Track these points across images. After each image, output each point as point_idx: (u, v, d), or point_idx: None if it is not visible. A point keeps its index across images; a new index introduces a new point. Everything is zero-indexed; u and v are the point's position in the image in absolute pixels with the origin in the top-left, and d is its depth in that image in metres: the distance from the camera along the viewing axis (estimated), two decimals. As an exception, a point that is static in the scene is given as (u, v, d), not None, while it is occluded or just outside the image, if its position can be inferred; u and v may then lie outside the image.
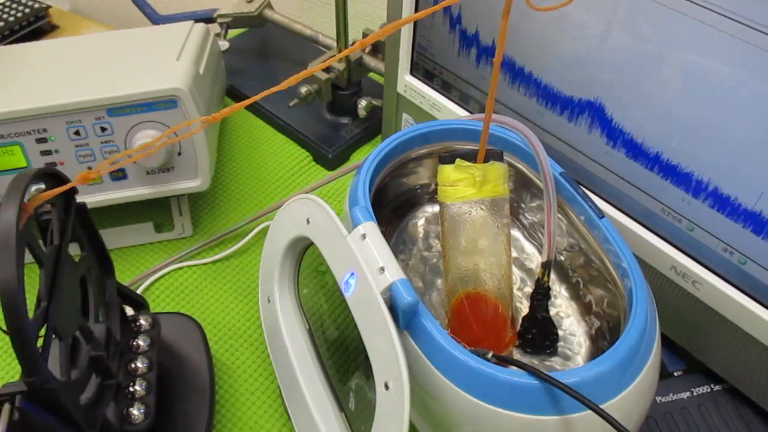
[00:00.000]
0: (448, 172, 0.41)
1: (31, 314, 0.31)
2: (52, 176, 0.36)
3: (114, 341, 0.42)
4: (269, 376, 0.51)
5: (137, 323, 0.46)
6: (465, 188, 0.41)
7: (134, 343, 0.44)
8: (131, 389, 0.42)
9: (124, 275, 0.58)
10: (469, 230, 0.41)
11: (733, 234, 0.40)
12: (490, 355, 0.35)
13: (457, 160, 0.41)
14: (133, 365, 0.43)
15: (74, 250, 0.39)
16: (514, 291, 0.47)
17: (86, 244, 0.41)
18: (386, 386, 0.34)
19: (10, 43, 0.88)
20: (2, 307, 0.29)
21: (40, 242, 0.36)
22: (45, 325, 0.33)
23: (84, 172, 0.33)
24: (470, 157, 0.41)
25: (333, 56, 0.69)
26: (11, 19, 0.89)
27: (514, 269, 0.48)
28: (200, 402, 0.47)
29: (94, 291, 0.41)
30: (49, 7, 0.94)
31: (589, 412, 0.32)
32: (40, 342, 0.32)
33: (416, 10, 0.53)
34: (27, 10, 0.91)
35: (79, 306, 0.39)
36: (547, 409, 0.33)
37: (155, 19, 0.83)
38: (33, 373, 0.30)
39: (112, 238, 0.60)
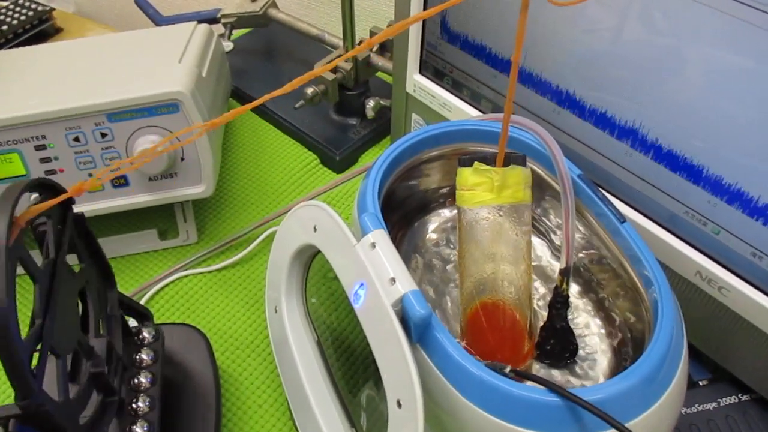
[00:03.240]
0: (466, 175, 0.39)
1: (25, 332, 0.30)
2: (46, 186, 0.34)
3: (116, 356, 0.41)
4: (277, 387, 0.50)
5: (140, 336, 0.44)
6: (483, 193, 0.39)
7: (137, 358, 0.43)
8: (134, 406, 0.40)
9: (127, 285, 0.56)
10: (487, 237, 0.39)
11: (762, 237, 0.38)
12: (507, 369, 0.33)
13: (476, 163, 0.39)
14: (136, 380, 0.42)
15: (75, 261, 0.38)
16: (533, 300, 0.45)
17: (85, 256, 0.40)
18: (398, 404, 0.32)
19: (15, 46, 0.87)
20: None
21: (38, 254, 0.34)
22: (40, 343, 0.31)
23: (78, 183, 0.31)
24: (490, 160, 0.39)
25: (339, 56, 0.67)
26: (15, 22, 0.88)
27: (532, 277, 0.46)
28: (206, 415, 0.45)
29: (94, 304, 0.40)
30: (53, 9, 0.93)
31: (613, 431, 0.30)
32: (36, 360, 0.31)
33: (425, 7, 0.51)
34: (31, 13, 0.90)
35: (78, 321, 0.38)
36: (568, 428, 0.32)
37: (158, 20, 0.81)
38: (26, 395, 0.29)
39: (114, 246, 0.58)
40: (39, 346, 0.31)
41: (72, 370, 0.38)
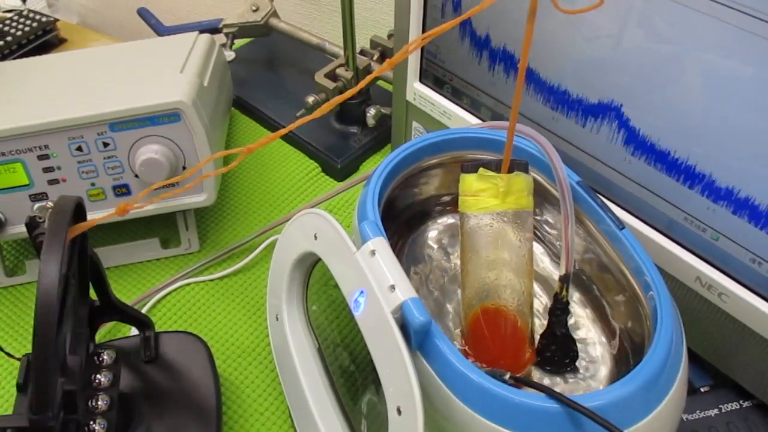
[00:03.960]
0: (470, 181, 0.39)
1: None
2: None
3: (81, 374, 0.39)
4: (278, 395, 0.50)
5: (100, 357, 0.42)
6: (487, 199, 0.39)
7: (95, 378, 0.41)
8: (91, 427, 0.38)
9: (129, 293, 0.57)
10: (490, 243, 0.40)
11: (762, 243, 0.38)
12: (507, 376, 0.34)
13: (480, 169, 0.39)
14: (93, 402, 0.39)
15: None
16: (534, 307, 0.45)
17: (76, 271, 0.39)
18: (398, 411, 0.32)
19: (19, 57, 0.88)
20: (37, 325, 0.27)
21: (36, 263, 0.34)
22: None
23: (123, 204, 0.32)
24: (493, 166, 0.39)
25: (341, 65, 0.68)
26: (19, 33, 0.89)
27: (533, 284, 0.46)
28: (207, 423, 0.45)
29: (72, 320, 0.39)
30: (56, 20, 0.94)
31: (614, 437, 0.30)
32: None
33: (424, 17, 0.51)
34: (35, 24, 0.91)
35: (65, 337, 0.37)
36: (568, 435, 0.31)
37: (160, 30, 0.82)
38: (43, 410, 0.29)
39: (117, 255, 0.59)
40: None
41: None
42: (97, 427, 0.38)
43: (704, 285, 0.42)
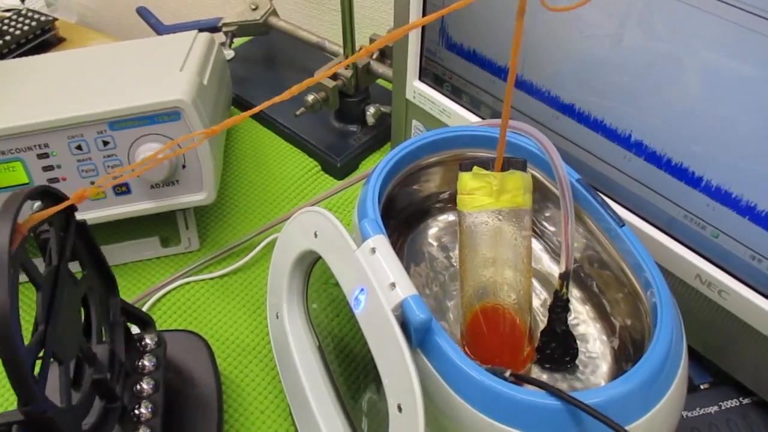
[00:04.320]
0: (466, 179, 0.40)
1: (28, 339, 0.30)
2: (48, 194, 0.34)
3: (118, 362, 0.41)
4: (279, 393, 0.50)
5: (143, 342, 0.44)
6: (482, 197, 0.39)
7: (139, 364, 0.43)
8: (137, 412, 0.40)
9: (129, 292, 0.57)
10: (486, 241, 0.40)
11: (761, 240, 0.38)
12: (508, 373, 0.33)
13: (475, 167, 0.39)
14: (138, 387, 0.42)
15: (77, 268, 0.38)
16: (533, 305, 0.45)
17: (87, 263, 0.40)
18: (399, 408, 0.32)
19: (18, 56, 0.88)
20: None
21: (42, 261, 0.35)
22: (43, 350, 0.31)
23: (80, 190, 0.31)
24: (491, 164, 0.39)
25: (339, 63, 0.68)
26: (18, 32, 0.89)
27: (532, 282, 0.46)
28: (208, 421, 0.46)
29: (96, 311, 0.40)
30: (55, 19, 0.93)
31: (615, 434, 0.30)
32: (39, 367, 0.31)
33: (424, 15, 0.51)
34: (34, 23, 0.91)
35: (80, 327, 0.38)
36: None
37: (160, 29, 0.82)
38: (28, 401, 0.29)
39: (117, 253, 0.59)
40: (41, 353, 0.32)
41: (75, 377, 0.38)
42: (144, 411, 0.40)
43: (704, 282, 0.42)
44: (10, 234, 0.29)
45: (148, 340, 0.44)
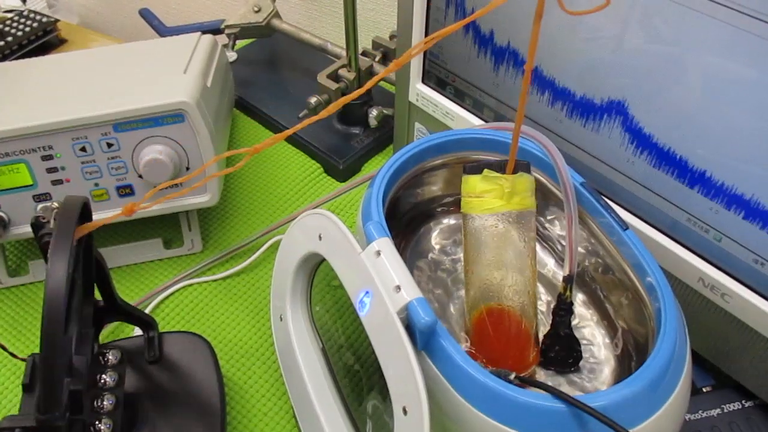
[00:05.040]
0: (474, 182, 0.40)
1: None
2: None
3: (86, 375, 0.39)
4: (282, 396, 0.50)
5: (105, 357, 0.43)
6: (492, 200, 0.39)
7: (101, 378, 0.41)
8: (96, 427, 0.39)
9: (132, 293, 0.57)
10: (495, 244, 0.40)
11: (765, 244, 0.39)
12: (512, 376, 0.34)
13: (485, 170, 0.39)
14: (98, 402, 0.40)
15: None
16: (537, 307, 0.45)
17: (80, 271, 0.39)
18: (404, 411, 0.32)
19: (19, 57, 0.88)
20: (44, 325, 0.27)
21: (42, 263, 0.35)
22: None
23: (130, 204, 0.32)
24: (496, 167, 0.39)
25: (343, 66, 0.68)
26: (20, 33, 0.89)
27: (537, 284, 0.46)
28: (211, 424, 0.45)
29: (77, 320, 0.39)
30: (57, 21, 0.94)
31: (619, 437, 0.31)
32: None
33: (427, 19, 0.51)
34: (35, 25, 0.91)
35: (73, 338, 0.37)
36: (573, 434, 0.32)
37: (162, 31, 0.82)
38: (51, 410, 0.29)
39: (120, 255, 0.59)
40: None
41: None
42: (102, 427, 0.39)
43: (707, 286, 0.42)
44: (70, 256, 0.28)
45: (110, 356, 0.43)
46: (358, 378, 0.45)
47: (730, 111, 0.36)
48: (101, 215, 0.53)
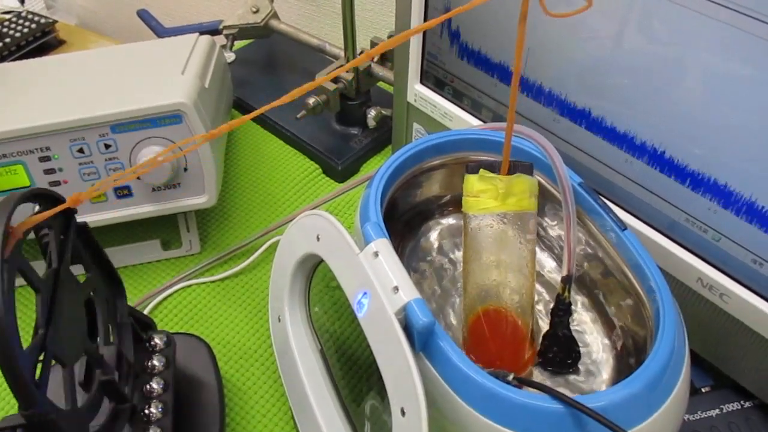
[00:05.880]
0: (472, 182, 0.40)
1: (27, 342, 0.30)
2: (46, 197, 0.34)
3: (127, 363, 0.41)
4: (281, 397, 0.50)
5: (152, 343, 0.44)
6: (488, 200, 0.39)
7: (149, 364, 0.43)
8: (147, 412, 0.40)
9: (130, 295, 0.57)
10: (490, 243, 0.40)
11: (763, 244, 0.39)
12: (511, 377, 0.34)
13: (481, 170, 0.39)
14: (148, 387, 0.42)
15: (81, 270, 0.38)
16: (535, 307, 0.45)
17: (90, 265, 0.40)
18: (402, 412, 0.32)
19: (17, 58, 0.88)
20: None
21: (43, 263, 0.35)
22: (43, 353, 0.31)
23: (76, 194, 0.31)
24: (497, 167, 0.39)
25: (341, 66, 0.68)
26: (18, 34, 0.89)
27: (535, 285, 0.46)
28: (210, 424, 0.46)
29: (102, 312, 0.40)
30: (55, 22, 0.94)
31: (618, 438, 0.30)
32: (39, 370, 0.31)
33: (425, 18, 0.51)
34: (33, 26, 0.91)
35: (84, 329, 0.38)
36: (572, 435, 0.32)
37: (160, 32, 0.82)
38: (29, 405, 0.29)
39: (118, 256, 0.59)
40: (41, 356, 0.31)
41: (85, 379, 0.38)
42: (154, 410, 0.40)
43: (705, 286, 0.42)
44: (3, 236, 0.28)
45: (157, 340, 0.44)
46: (357, 379, 0.45)
47: (728, 111, 0.36)
48: (99, 216, 0.53)
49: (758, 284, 0.40)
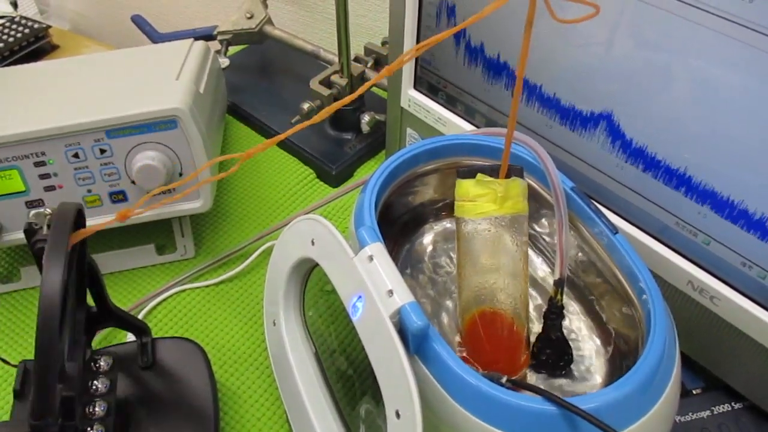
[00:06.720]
0: (467, 186, 0.40)
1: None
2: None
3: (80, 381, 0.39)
4: (275, 401, 0.50)
5: (97, 363, 0.43)
6: (485, 204, 0.39)
7: (92, 385, 0.41)
8: None
9: (125, 299, 0.57)
10: (488, 247, 0.40)
11: (752, 247, 0.39)
12: (504, 379, 0.34)
13: (479, 174, 0.40)
14: (90, 409, 0.40)
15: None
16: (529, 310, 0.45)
17: (74, 279, 0.39)
18: (397, 414, 0.33)
19: (11, 64, 0.88)
20: (39, 331, 0.27)
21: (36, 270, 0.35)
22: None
23: (123, 210, 0.32)
24: (489, 172, 0.40)
25: (335, 72, 0.68)
26: (11, 39, 0.89)
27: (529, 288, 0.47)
28: (204, 429, 0.45)
29: (70, 326, 0.39)
30: (49, 27, 0.94)
31: (610, 439, 0.31)
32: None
33: (418, 25, 0.52)
34: (27, 31, 0.91)
35: (65, 343, 0.37)
36: (565, 437, 0.32)
37: (155, 37, 0.82)
38: (44, 415, 0.29)
39: (112, 261, 0.59)
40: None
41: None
42: None
43: (696, 289, 0.43)
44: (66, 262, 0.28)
45: (102, 362, 0.43)
46: (351, 382, 0.45)
47: (717, 116, 0.37)
48: (94, 221, 0.53)
49: (747, 287, 0.41)
